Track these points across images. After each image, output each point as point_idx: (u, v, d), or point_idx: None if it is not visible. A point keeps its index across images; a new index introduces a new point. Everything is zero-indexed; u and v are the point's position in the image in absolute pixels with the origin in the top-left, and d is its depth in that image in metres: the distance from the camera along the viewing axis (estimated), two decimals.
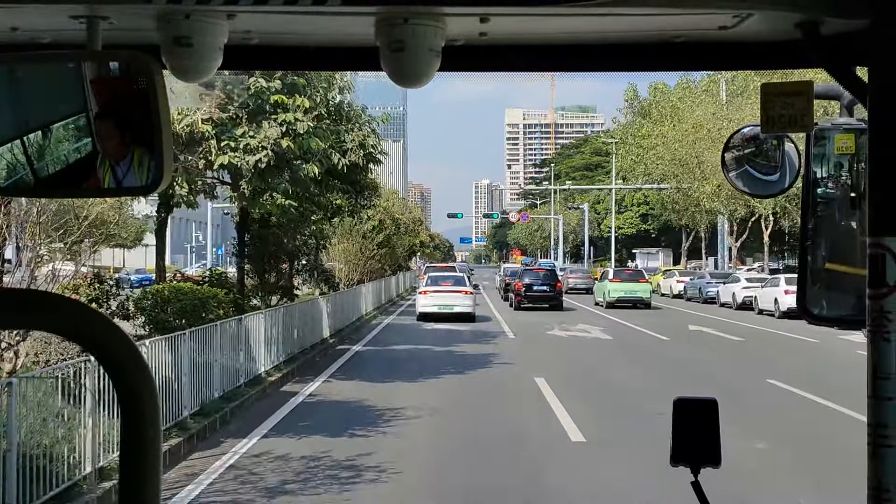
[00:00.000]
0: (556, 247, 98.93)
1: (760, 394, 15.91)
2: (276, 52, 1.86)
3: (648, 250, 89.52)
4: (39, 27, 1.68)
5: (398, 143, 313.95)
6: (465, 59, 1.81)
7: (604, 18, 1.65)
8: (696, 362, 20.88)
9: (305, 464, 10.13)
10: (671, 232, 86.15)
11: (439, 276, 34.04)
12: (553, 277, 38.73)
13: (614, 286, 41.36)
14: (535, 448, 11.36)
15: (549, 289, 37.83)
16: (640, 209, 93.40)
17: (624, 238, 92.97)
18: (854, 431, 6.33)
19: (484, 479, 9.67)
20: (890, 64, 1.40)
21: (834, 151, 1.88)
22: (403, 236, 50.88)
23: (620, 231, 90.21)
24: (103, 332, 1.18)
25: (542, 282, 38.11)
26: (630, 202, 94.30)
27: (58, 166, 1.49)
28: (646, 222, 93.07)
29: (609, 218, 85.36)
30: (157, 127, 1.41)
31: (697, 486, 2.14)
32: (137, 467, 1.17)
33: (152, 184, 1.45)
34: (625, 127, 74.55)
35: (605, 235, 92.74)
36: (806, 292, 1.88)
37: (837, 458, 10.42)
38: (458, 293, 32.07)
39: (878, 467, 1.39)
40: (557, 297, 37.95)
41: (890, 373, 1.38)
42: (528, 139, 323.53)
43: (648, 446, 10.44)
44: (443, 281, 32.88)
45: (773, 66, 1.84)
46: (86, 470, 8.60)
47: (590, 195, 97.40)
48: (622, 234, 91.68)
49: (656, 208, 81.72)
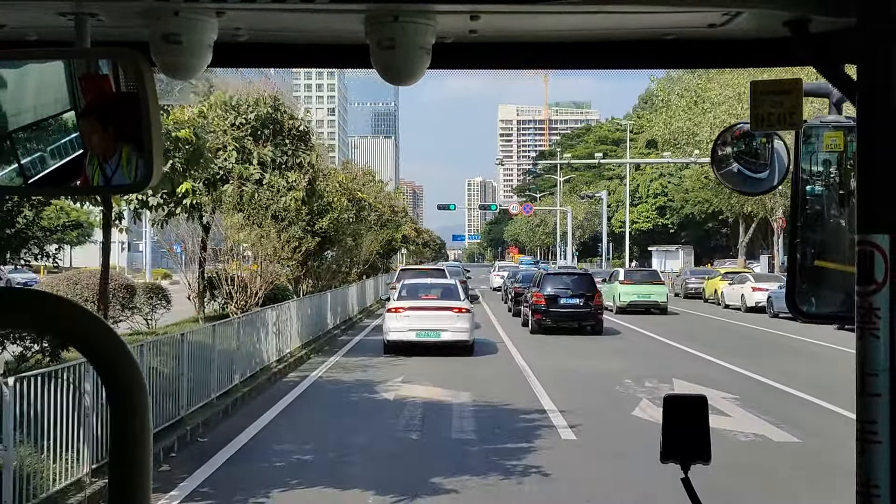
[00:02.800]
0: (562, 244, 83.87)
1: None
2: (265, 50, 1.86)
3: (667, 248, 76.71)
4: (27, 24, 1.67)
5: (389, 139, 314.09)
6: (455, 56, 1.81)
7: (593, 16, 1.66)
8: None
9: None
10: (693, 226, 77.25)
11: (420, 284, 23.24)
12: (588, 286, 26.73)
13: (626, 289, 35.05)
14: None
15: (583, 303, 26.27)
16: (656, 201, 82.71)
17: (638, 234, 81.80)
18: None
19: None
20: (878, 61, 1.40)
21: (823, 149, 1.89)
22: (376, 228, 37.86)
23: (634, 226, 79.33)
24: (93, 329, 1.18)
25: (574, 292, 26.40)
26: (644, 193, 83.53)
27: (46, 164, 1.49)
28: (663, 216, 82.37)
29: (621, 211, 74.12)
30: (146, 124, 1.41)
31: (687, 483, 2.15)
32: (127, 463, 1.17)
33: (142, 181, 1.44)
34: (664, 83, 57.87)
35: (616, 231, 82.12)
36: (795, 289, 1.89)
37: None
38: (449, 311, 20.74)
39: (867, 464, 1.39)
40: (596, 315, 26.35)
41: (878, 369, 1.39)
42: (522, 135, 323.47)
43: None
44: (425, 292, 22.14)
45: (763, 63, 1.85)
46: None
47: (598, 186, 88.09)
48: (636, 230, 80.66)
49: (676, 199, 72.79)
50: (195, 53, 1.60)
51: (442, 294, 21.98)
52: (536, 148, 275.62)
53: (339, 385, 16.01)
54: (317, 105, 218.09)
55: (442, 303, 21.07)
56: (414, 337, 20.39)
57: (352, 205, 27.86)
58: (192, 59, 1.60)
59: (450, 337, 20.45)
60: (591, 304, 26.21)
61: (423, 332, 20.37)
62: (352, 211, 27.35)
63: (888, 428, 1.38)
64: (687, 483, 2.16)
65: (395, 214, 49.36)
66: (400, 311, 20.75)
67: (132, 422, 1.17)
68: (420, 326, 20.35)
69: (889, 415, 1.38)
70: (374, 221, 36.50)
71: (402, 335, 20.43)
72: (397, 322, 20.56)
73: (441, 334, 20.40)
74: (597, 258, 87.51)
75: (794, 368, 18.33)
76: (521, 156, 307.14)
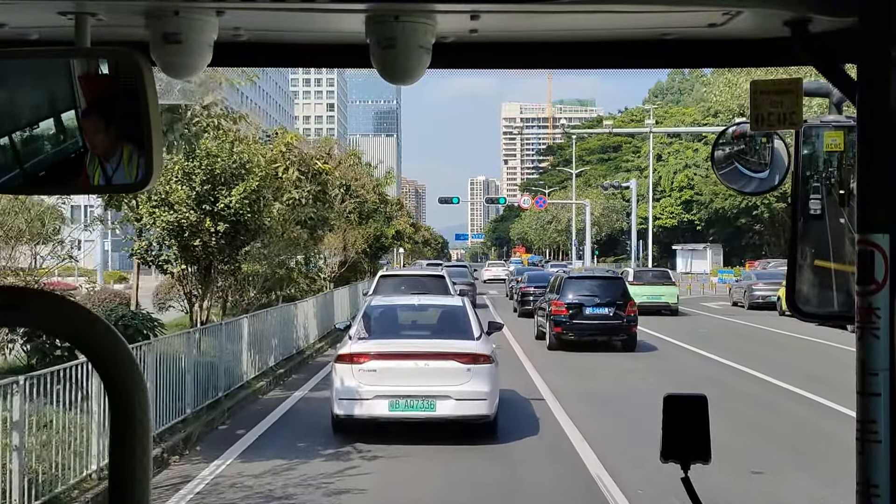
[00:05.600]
0: (578, 243, 74.37)
1: None
2: (265, 49, 1.86)
3: (693, 247, 70.42)
4: (27, 24, 1.68)
5: (391, 137, 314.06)
6: (455, 56, 1.82)
7: (594, 16, 1.66)
8: None
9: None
10: (722, 222, 70.50)
11: (398, 306, 13.41)
12: (620, 293, 22.41)
13: (635, 290, 28.62)
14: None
15: (612, 313, 21.86)
16: (681, 195, 75.16)
17: (660, 231, 73.53)
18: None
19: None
20: (878, 61, 1.40)
21: (823, 149, 1.89)
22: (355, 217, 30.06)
23: (657, 223, 71.19)
24: (93, 329, 1.18)
25: (601, 301, 21.98)
26: (667, 186, 75.46)
27: (47, 164, 1.49)
28: (689, 211, 75.09)
29: (642, 206, 63.56)
30: (146, 124, 1.41)
31: (688, 482, 2.15)
32: (127, 463, 1.18)
33: (142, 181, 1.45)
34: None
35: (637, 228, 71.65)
36: (795, 289, 1.89)
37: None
38: (452, 361, 11.18)
39: (867, 463, 1.40)
40: (628, 328, 21.90)
41: (878, 369, 1.39)
42: (526, 134, 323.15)
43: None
44: (408, 322, 12.94)
45: (763, 63, 1.86)
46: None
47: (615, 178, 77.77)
48: (658, 227, 72.30)
49: (704, 192, 66.64)
50: (195, 53, 1.60)
51: (438, 325, 12.32)
52: (541, 145, 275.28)
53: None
54: (315, 100, 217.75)
55: (438, 345, 11.38)
56: (386, 410, 10.86)
57: (309, 180, 18.98)
58: (193, 59, 1.61)
59: (452, 410, 10.88)
60: (622, 313, 21.75)
61: (404, 400, 10.87)
62: (306, 187, 18.50)
63: (888, 427, 1.38)
64: (687, 483, 2.16)
65: (387, 205, 41.34)
66: (360, 360, 11.04)
67: (132, 422, 1.17)
68: (397, 390, 10.86)
69: (889, 414, 1.38)
70: (353, 210, 29.20)
71: (363, 406, 10.94)
72: (355, 380, 10.97)
73: (436, 404, 10.86)
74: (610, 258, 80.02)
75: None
76: (525, 155, 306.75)
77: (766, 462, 10.34)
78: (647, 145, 62.80)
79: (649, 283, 34.16)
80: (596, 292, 22.34)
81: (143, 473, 1.18)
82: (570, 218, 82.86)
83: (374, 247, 37.17)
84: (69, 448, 8.20)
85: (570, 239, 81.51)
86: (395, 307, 13.17)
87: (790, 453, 10.87)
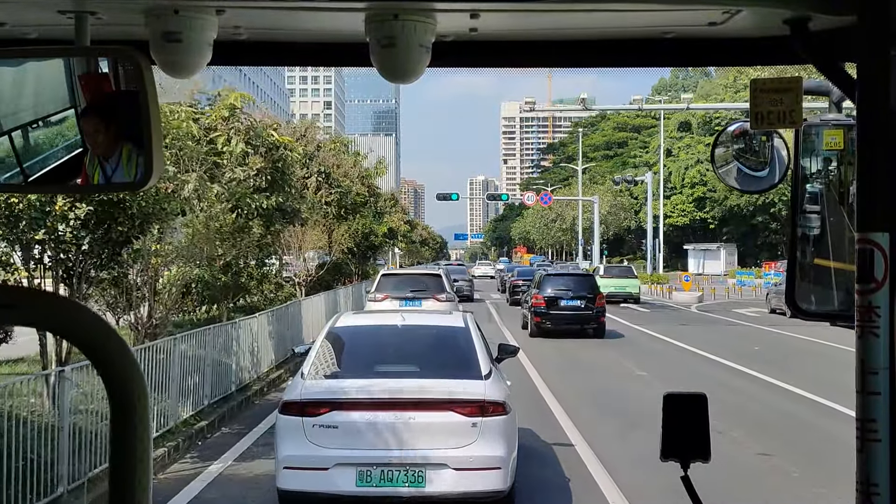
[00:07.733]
0: (585, 242, 70.93)
1: None
2: (265, 48, 1.86)
3: (706, 246, 68.30)
4: (27, 22, 1.68)
5: (390, 136, 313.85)
6: (455, 54, 1.82)
7: (593, 14, 1.67)
8: None
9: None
10: (737, 220, 67.97)
11: (381, 328, 9.08)
12: (590, 287, 26.11)
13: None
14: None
15: (584, 304, 25.47)
16: (693, 192, 72.43)
17: (672, 230, 71.56)
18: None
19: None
20: (878, 60, 1.40)
21: (823, 147, 1.89)
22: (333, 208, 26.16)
23: (668, 221, 68.94)
24: (93, 329, 1.18)
25: (574, 294, 25.61)
26: (678, 182, 72.49)
27: (47, 163, 1.49)
28: (701, 208, 72.74)
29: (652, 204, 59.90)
30: (146, 123, 1.41)
31: (687, 481, 2.15)
32: (128, 463, 1.18)
33: (142, 180, 1.45)
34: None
35: (644, 226, 67.16)
36: (795, 287, 1.89)
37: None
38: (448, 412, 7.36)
39: (866, 462, 1.40)
40: (597, 318, 25.54)
41: (878, 368, 1.39)
42: (525, 133, 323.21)
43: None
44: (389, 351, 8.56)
45: (763, 62, 1.86)
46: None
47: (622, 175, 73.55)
48: (669, 225, 70.21)
49: (719, 189, 64.11)
50: (195, 52, 1.60)
51: (431, 356, 8.44)
52: (540, 145, 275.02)
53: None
54: (312, 98, 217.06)
55: (430, 387, 7.63)
56: (352, 485, 7.24)
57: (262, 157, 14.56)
58: (192, 58, 1.61)
59: (450, 485, 7.33)
60: (592, 305, 25.39)
61: (379, 471, 7.25)
62: (257, 164, 14.36)
63: (888, 426, 1.38)
64: (687, 481, 2.16)
65: (378, 199, 36.52)
66: (316, 411, 7.43)
67: (132, 422, 1.17)
68: (370, 456, 7.29)
69: (889, 413, 1.38)
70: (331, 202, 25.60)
71: (319, 479, 7.29)
72: (308, 441, 7.36)
73: (426, 477, 7.27)
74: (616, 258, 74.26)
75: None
76: (525, 154, 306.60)
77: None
78: (657, 140, 61.42)
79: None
80: (570, 287, 25.91)
81: (144, 473, 1.18)
82: (575, 216, 78.92)
83: (363, 246, 32.14)
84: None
85: (576, 238, 76.14)
86: (369, 329, 9.04)
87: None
